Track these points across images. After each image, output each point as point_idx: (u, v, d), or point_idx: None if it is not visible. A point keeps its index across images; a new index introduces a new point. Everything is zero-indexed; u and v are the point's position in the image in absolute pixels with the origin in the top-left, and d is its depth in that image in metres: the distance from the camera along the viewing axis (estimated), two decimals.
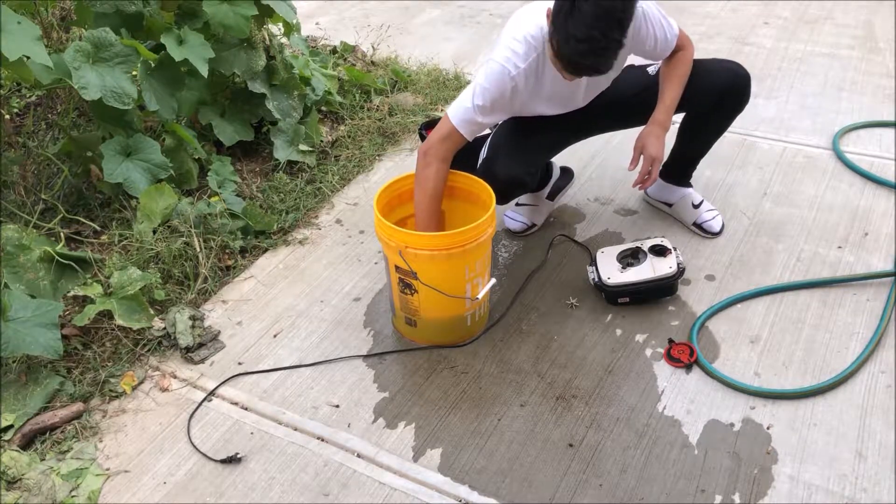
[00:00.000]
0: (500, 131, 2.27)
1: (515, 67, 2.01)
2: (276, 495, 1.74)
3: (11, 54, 2.00)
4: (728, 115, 2.32)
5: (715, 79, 2.22)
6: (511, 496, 1.71)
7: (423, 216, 2.08)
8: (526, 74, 2.03)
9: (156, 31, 2.57)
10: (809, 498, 1.68)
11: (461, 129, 2.06)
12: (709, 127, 2.35)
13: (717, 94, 2.23)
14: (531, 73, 2.04)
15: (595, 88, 2.22)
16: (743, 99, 2.28)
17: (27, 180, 2.57)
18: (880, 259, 2.35)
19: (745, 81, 2.24)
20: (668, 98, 2.17)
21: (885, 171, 2.78)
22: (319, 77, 3.20)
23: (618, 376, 2.00)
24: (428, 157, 2.07)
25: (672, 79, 2.18)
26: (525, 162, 2.19)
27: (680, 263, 2.19)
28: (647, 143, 2.15)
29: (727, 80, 2.23)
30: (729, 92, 2.24)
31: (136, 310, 2.13)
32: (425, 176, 2.07)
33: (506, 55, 2.02)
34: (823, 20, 4.16)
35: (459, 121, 2.05)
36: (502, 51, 2.03)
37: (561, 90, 2.13)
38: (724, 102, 2.26)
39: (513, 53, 2.01)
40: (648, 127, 2.18)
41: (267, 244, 2.54)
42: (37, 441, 1.88)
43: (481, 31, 4.19)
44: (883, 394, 1.91)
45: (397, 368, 2.07)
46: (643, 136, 2.17)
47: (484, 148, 2.25)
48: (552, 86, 2.10)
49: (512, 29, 2.05)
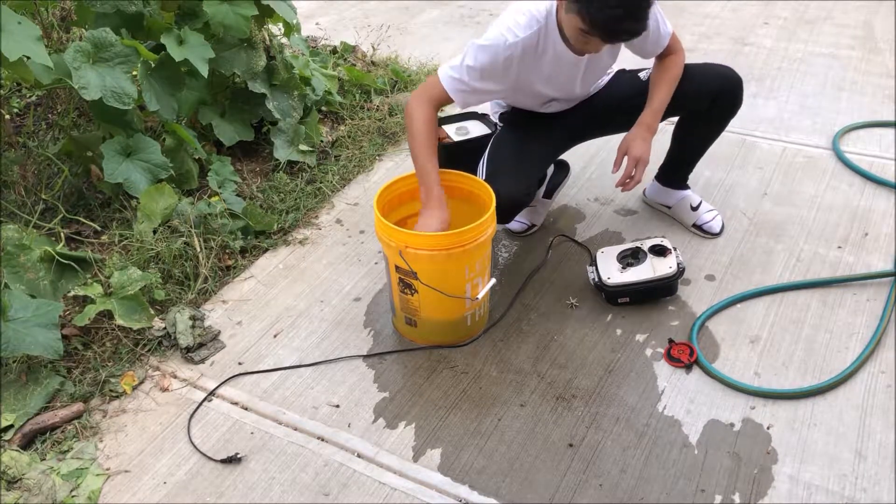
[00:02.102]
0: (497, 146, 2.27)
1: (515, 36, 2.00)
2: (276, 495, 1.74)
3: (11, 54, 2.00)
4: (721, 119, 2.33)
5: (707, 82, 2.23)
6: (511, 496, 1.71)
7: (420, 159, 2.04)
8: (524, 46, 2.02)
9: (156, 31, 2.57)
10: (809, 498, 1.68)
11: (445, 84, 2.06)
12: (702, 130, 2.35)
13: (710, 98, 2.23)
14: (530, 47, 2.03)
15: (592, 73, 2.22)
16: (735, 103, 2.28)
17: (27, 180, 2.57)
18: (880, 259, 2.35)
19: (738, 85, 2.25)
20: (657, 101, 2.17)
21: (885, 171, 2.78)
22: (319, 77, 3.20)
23: (618, 376, 2.00)
24: (413, 101, 2.07)
25: (661, 82, 2.18)
26: (525, 178, 2.18)
27: (680, 263, 2.19)
28: (631, 145, 2.15)
29: (719, 84, 2.24)
30: (721, 96, 2.25)
31: (136, 310, 2.13)
32: (410, 115, 2.06)
33: (507, 24, 2.02)
34: (823, 20, 4.16)
35: (447, 76, 2.06)
36: (504, 20, 2.03)
37: (560, 71, 2.13)
38: (717, 106, 2.26)
39: (514, 23, 2.01)
40: (634, 129, 2.18)
41: (267, 244, 2.54)
42: (37, 441, 1.88)
43: (481, 31, 4.13)
44: (883, 394, 1.91)
45: (397, 368, 2.07)
46: (628, 138, 2.18)
47: (482, 165, 2.24)
48: (552, 66, 2.10)
49: (517, 5, 2.05)
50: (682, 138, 2.42)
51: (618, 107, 2.31)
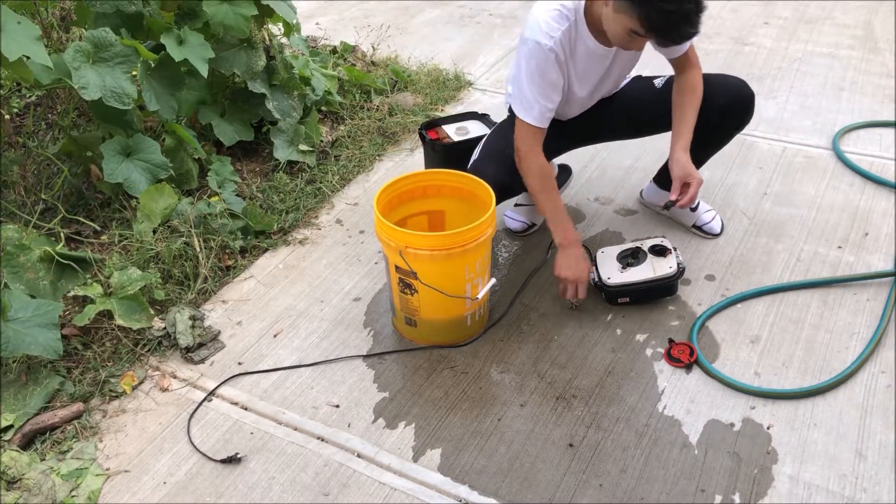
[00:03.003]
0: (494, 133, 2.27)
1: (550, 38, 1.98)
2: (276, 495, 1.74)
3: (11, 54, 2.00)
4: (730, 132, 2.32)
5: (720, 95, 2.21)
6: (511, 496, 1.71)
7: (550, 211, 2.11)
8: (562, 42, 2.00)
9: (156, 31, 2.57)
10: (809, 498, 1.68)
11: (538, 124, 2.05)
12: (710, 142, 2.32)
13: (722, 112, 2.22)
14: (566, 41, 2.01)
15: (616, 70, 2.19)
16: (746, 117, 2.27)
17: (27, 180, 2.57)
18: (880, 259, 2.35)
19: (750, 99, 2.24)
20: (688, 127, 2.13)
21: (885, 171, 2.78)
22: (319, 77, 3.20)
23: (618, 376, 2.00)
24: (524, 161, 2.09)
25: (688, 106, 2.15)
26: (512, 165, 2.16)
27: (680, 263, 2.19)
28: (690, 171, 2.10)
29: (732, 98, 2.23)
30: (733, 109, 2.24)
31: (136, 310, 2.13)
32: (527, 170, 2.08)
33: (536, 29, 1.99)
34: (823, 20, 4.16)
35: (532, 118, 2.04)
36: (532, 27, 2.00)
37: (590, 65, 2.11)
38: (728, 119, 2.26)
39: (545, 24, 1.99)
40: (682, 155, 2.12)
41: (267, 244, 2.54)
42: (37, 441, 1.88)
43: (481, 31, 4.19)
44: (883, 394, 1.91)
45: (397, 368, 2.07)
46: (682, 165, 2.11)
47: (476, 149, 2.24)
48: (584, 61, 2.09)
49: (541, 5, 2.03)
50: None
51: (630, 114, 2.32)
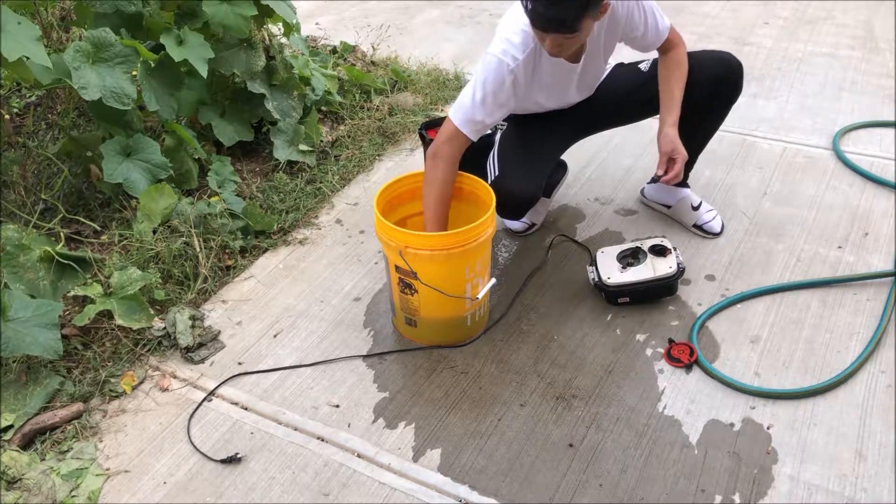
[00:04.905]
0: (505, 145, 2.27)
1: (514, 60, 2.01)
2: (276, 495, 1.74)
3: (11, 54, 2.00)
4: (723, 107, 2.32)
5: (707, 67, 2.22)
6: (511, 496, 1.71)
7: (431, 217, 2.08)
8: (525, 65, 2.03)
9: (156, 31, 2.57)
10: (809, 498, 1.68)
11: (464, 130, 2.05)
12: (704, 120, 2.33)
13: (712, 85, 2.23)
14: (529, 63, 2.04)
15: (587, 80, 2.23)
16: (737, 88, 2.28)
17: (27, 180, 2.57)
18: (880, 259, 2.35)
19: (738, 70, 2.26)
20: (675, 99, 2.15)
21: (885, 171, 2.78)
22: (319, 77, 3.20)
23: (618, 376, 2.00)
24: (436, 160, 2.07)
25: (674, 80, 2.17)
26: (536, 175, 2.21)
27: (680, 263, 2.19)
28: (676, 146, 2.11)
29: (721, 71, 2.24)
30: (723, 82, 2.25)
31: (136, 310, 2.13)
32: (433, 178, 2.07)
33: (502, 47, 2.01)
34: (823, 20, 4.16)
35: (461, 121, 2.05)
36: (498, 43, 2.03)
37: (556, 80, 2.14)
38: (719, 93, 2.26)
39: (510, 45, 2.01)
40: (668, 129, 2.13)
41: (267, 244, 2.54)
42: (37, 441, 1.88)
43: (481, 31, 4.19)
44: (883, 394, 1.91)
45: (397, 368, 2.07)
46: (668, 139, 2.13)
47: (491, 164, 2.25)
48: (549, 75, 2.11)
49: (508, 21, 2.05)
50: (684, 131, 2.40)
51: (623, 99, 2.33)
